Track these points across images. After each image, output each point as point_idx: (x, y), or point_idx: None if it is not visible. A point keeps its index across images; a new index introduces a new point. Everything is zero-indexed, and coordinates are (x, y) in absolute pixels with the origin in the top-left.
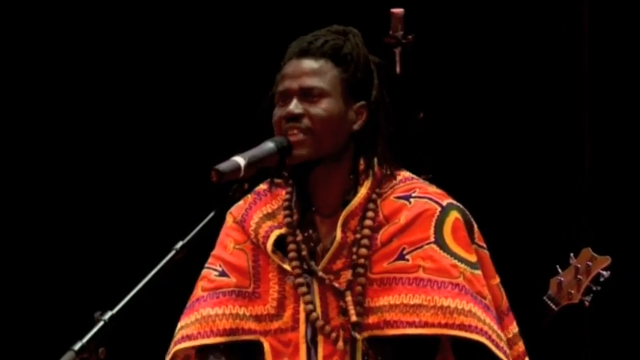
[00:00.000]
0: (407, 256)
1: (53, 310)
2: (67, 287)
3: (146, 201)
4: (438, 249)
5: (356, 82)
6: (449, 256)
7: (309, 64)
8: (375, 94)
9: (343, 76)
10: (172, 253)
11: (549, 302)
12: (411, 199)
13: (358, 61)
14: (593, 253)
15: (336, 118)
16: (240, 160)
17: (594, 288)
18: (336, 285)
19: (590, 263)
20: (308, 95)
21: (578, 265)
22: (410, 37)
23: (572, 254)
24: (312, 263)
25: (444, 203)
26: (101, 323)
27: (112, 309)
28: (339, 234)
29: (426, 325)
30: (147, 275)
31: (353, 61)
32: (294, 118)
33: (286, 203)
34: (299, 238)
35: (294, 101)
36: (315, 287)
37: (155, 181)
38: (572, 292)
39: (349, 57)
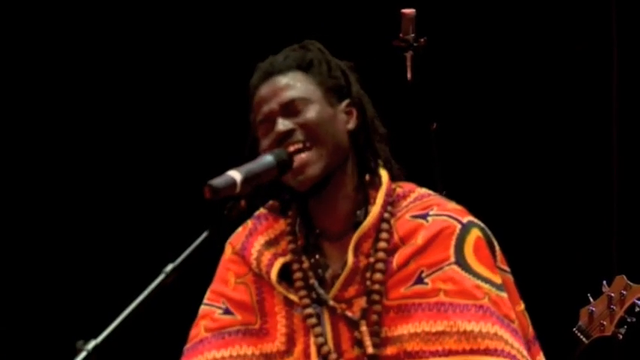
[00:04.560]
0: (426, 280)
1: (34, 337)
2: (48, 311)
3: (135, 220)
4: (459, 270)
5: (332, 84)
6: (471, 277)
7: (279, 80)
8: (355, 89)
9: (317, 80)
10: (162, 276)
11: (579, 334)
12: (429, 218)
13: (327, 63)
14: (628, 281)
15: (328, 120)
16: (235, 174)
17: (629, 319)
18: (349, 314)
19: (624, 292)
20: (290, 110)
21: (612, 294)
22: (422, 40)
23: (604, 282)
24: (322, 291)
25: (465, 220)
26: (84, 354)
27: (95, 338)
28: (350, 258)
29: (450, 353)
30: (134, 301)
31: (321, 64)
32: (286, 135)
33: (289, 227)
34: (305, 265)
35: (279, 120)
36: (326, 318)
37: (146, 197)
38: (605, 323)
39: (316, 61)
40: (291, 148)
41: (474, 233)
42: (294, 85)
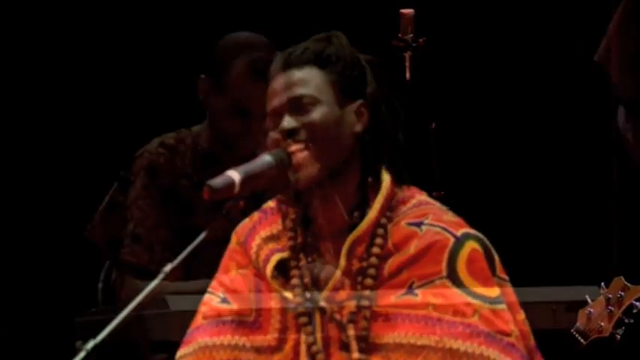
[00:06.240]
0: (416, 291)
1: (34, 336)
2: (48, 311)
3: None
4: (450, 284)
5: (348, 82)
6: (463, 293)
7: (292, 74)
8: (370, 89)
9: (332, 78)
10: (161, 276)
11: (577, 336)
12: (423, 227)
13: (345, 59)
14: (626, 283)
15: (333, 124)
16: (234, 175)
17: (627, 320)
18: (338, 317)
19: (622, 293)
20: (298, 106)
21: (610, 296)
22: (421, 40)
23: (602, 283)
24: (315, 292)
25: (459, 234)
26: (83, 353)
27: (94, 337)
28: (342, 262)
29: None
30: (133, 301)
31: (339, 61)
32: (290, 133)
33: (292, 224)
34: (302, 263)
35: (286, 117)
36: (318, 318)
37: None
38: (603, 324)
39: (334, 57)
40: (293, 148)
41: (469, 246)
42: (306, 81)
